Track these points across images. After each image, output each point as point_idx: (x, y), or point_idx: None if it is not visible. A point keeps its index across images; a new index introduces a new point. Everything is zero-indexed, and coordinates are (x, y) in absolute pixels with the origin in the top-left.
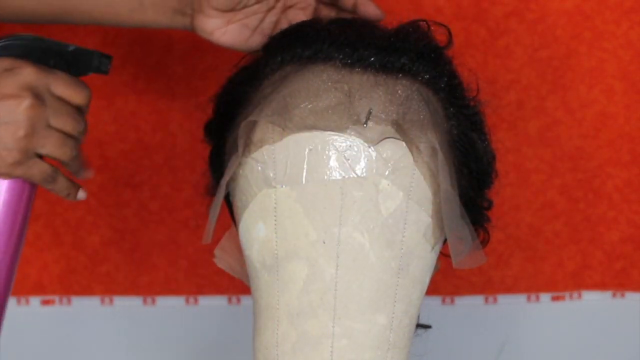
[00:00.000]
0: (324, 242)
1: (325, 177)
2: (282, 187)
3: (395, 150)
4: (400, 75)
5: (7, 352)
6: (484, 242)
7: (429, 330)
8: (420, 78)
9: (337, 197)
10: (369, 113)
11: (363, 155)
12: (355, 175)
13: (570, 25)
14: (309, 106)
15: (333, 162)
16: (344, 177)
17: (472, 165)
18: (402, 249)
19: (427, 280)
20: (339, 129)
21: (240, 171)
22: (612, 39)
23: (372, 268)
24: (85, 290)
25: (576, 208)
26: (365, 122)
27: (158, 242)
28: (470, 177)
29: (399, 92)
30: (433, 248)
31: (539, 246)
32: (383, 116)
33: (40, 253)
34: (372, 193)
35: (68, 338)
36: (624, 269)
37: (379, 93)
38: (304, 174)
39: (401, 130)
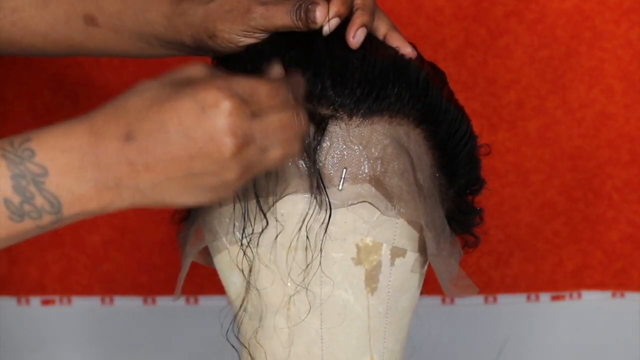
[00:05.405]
0: (307, 300)
1: (300, 240)
2: (256, 247)
3: (375, 207)
4: (375, 119)
5: (8, 352)
6: (475, 244)
7: (430, 330)
8: (395, 118)
9: (316, 259)
10: (344, 174)
11: (340, 217)
12: (332, 240)
13: (570, 25)
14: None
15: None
16: (321, 240)
17: (460, 181)
18: (389, 291)
19: (416, 299)
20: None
21: (208, 217)
22: (611, 38)
23: (359, 317)
24: (86, 290)
25: (576, 208)
26: (340, 185)
27: (158, 242)
28: (457, 197)
29: (374, 142)
30: (420, 272)
31: (539, 246)
32: (359, 175)
33: (40, 253)
34: (352, 252)
35: (68, 338)
36: (624, 269)
37: (353, 148)
38: (278, 238)
39: (380, 185)
